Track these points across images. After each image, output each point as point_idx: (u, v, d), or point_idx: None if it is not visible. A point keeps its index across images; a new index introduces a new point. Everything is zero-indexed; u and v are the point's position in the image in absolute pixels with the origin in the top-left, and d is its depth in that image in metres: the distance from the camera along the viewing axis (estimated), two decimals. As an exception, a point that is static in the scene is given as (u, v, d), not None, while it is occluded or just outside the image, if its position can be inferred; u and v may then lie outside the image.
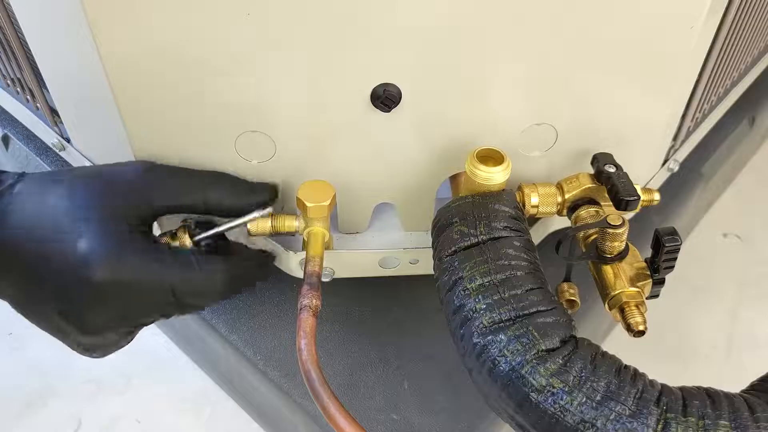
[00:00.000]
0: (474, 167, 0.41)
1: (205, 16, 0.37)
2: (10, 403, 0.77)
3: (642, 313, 0.39)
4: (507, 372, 0.34)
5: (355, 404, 0.52)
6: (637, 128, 0.46)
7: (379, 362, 0.54)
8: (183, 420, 0.77)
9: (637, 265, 0.41)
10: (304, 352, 0.37)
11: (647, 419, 0.32)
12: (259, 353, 0.55)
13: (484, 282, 0.37)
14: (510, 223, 0.39)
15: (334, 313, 0.56)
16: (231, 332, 0.56)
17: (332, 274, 0.50)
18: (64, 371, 0.79)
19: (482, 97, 0.42)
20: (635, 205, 0.41)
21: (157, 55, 0.39)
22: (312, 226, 0.44)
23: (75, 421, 0.76)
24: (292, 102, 0.42)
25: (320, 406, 0.35)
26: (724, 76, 0.59)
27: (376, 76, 0.40)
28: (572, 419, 0.33)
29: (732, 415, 0.32)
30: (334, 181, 0.44)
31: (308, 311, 0.39)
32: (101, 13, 0.37)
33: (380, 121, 0.42)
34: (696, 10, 0.40)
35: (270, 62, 0.39)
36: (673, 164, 0.58)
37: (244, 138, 0.43)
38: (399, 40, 0.39)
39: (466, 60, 0.40)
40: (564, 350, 0.34)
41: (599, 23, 0.39)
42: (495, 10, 0.38)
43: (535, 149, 0.46)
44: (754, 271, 0.93)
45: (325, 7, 0.37)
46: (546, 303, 0.36)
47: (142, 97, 0.41)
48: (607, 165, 0.43)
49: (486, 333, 0.35)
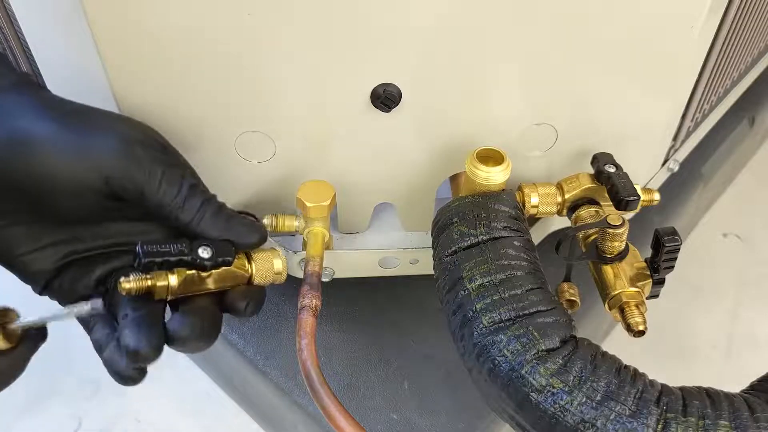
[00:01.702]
0: (474, 167, 0.41)
1: (206, 16, 0.37)
2: (11, 403, 0.77)
3: (642, 313, 0.39)
4: (507, 372, 0.34)
5: (355, 404, 0.52)
6: (637, 128, 0.46)
7: (379, 362, 0.54)
8: (183, 420, 0.77)
9: (637, 265, 0.41)
10: (304, 352, 0.37)
11: (647, 419, 0.32)
12: (259, 353, 0.55)
13: (484, 282, 0.37)
14: (510, 223, 0.39)
15: (334, 313, 0.56)
16: (231, 332, 0.56)
17: (332, 274, 0.50)
18: (64, 371, 0.79)
19: (482, 97, 0.42)
20: (635, 205, 0.41)
21: (156, 55, 0.39)
22: (312, 226, 0.44)
23: (75, 421, 0.77)
24: (292, 102, 0.42)
25: (320, 406, 0.35)
26: (724, 76, 0.59)
27: (376, 76, 0.40)
28: (572, 419, 0.33)
29: (732, 415, 0.32)
30: (334, 181, 0.44)
31: (308, 311, 0.39)
32: (101, 13, 0.37)
33: (380, 121, 0.42)
34: (696, 10, 0.40)
35: (270, 62, 0.39)
36: (673, 164, 0.58)
37: (244, 138, 0.43)
38: (399, 40, 0.39)
39: (466, 60, 0.40)
40: (564, 350, 0.34)
41: (599, 23, 0.39)
42: (495, 10, 0.38)
43: (535, 149, 0.46)
44: (754, 271, 0.93)
45: (326, 7, 0.37)
46: (546, 303, 0.36)
47: (142, 97, 0.41)
48: (607, 165, 0.43)
49: (486, 333, 0.35)
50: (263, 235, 0.39)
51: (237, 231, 0.38)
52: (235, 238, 0.38)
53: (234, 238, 0.38)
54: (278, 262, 0.40)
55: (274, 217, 0.45)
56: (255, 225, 0.39)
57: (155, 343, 0.34)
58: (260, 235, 0.39)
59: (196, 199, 0.37)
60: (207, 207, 0.37)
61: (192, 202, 0.37)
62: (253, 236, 0.38)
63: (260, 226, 0.39)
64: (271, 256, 0.40)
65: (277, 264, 0.40)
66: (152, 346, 0.34)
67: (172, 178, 0.36)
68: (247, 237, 0.38)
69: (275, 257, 0.40)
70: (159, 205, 0.36)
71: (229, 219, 0.38)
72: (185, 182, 0.37)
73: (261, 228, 0.39)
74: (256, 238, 0.39)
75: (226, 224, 0.38)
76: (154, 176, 0.36)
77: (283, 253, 0.41)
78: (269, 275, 0.39)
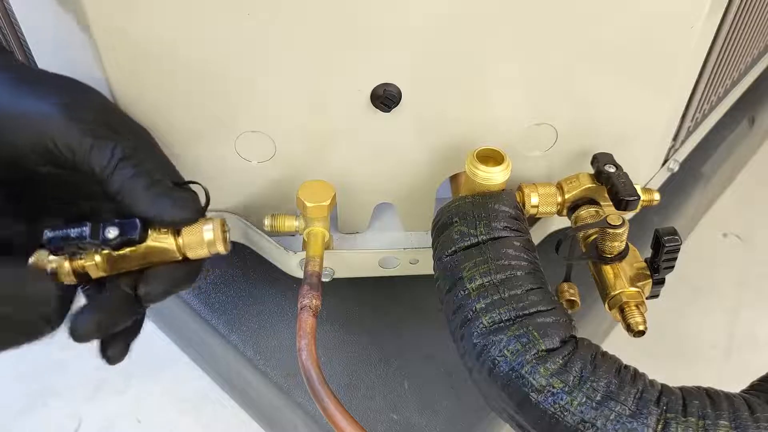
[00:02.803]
0: (474, 167, 0.41)
1: (206, 16, 0.37)
2: (10, 402, 0.77)
3: (642, 313, 0.39)
4: (507, 372, 0.34)
5: (355, 404, 0.52)
6: (637, 128, 0.46)
7: (379, 362, 0.54)
8: (183, 420, 0.77)
9: (637, 265, 0.41)
10: (304, 352, 0.37)
11: (647, 419, 0.32)
12: (259, 353, 0.55)
13: (484, 282, 0.37)
14: (510, 223, 0.39)
15: (334, 313, 0.56)
16: (231, 332, 0.56)
17: (332, 274, 0.50)
18: (64, 371, 0.79)
19: (482, 97, 0.42)
20: (635, 205, 0.41)
21: (156, 56, 0.39)
22: (312, 226, 0.44)
23: (75, 420, 0.76)
24: (292, 102, 0.42)
25: (320, 406, 0.35)
26: (724, 76, 0.59)
27: (376, 76, 0.40)
28: (572, 419, 0.33)
29: (732, 415, 0.32)
30: (334, 181, 0.44)
31: (308, 311, 0.39)
32: (101, 16, 0.37)
33: (380, 121, 0.42)
34: (696, 10, 0.40)
35: (270, 62, 0.39)
36: (673, 164, 0.58)
37: (244, 138, 0.43)
38: (399, 40, 0.39)
39: (466, 60, 0.40)
40: (564, 350, 0.34)
41: (599, 23, 0.39)
42: (494, 10, 0.38)
43: (535, 149, 0.46)
44: (754, 271, 0.93)
45: (326, 7, 0.37)
46: (546, 303, 0.36)
47: (141, 96, 0.41)
48: (607, 165, 0.43)
49: (486, 333, 0.35)
50: (193, 211, 0.36)
51: (161, 206, 0.36)
52: (157, 213, 0.36)
53: (157, 213, 0.36)
54: (208, 230, 0.37)
55: (274, 218, 0.45)
56: (185, 201, 0.36)
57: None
58: (187, 212, 0.36)
59: (126, 170, 0.35)
60: (137, 180, 0.35)
61: (121, 173, 0.35)
62: (177, 212, 0.36)
63: (191, 202, 0.37)
64: (200, 225, 0.37)
65: (207, 233, 0.37)
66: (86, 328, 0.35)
67: (103, 146, 0.35)
68: (170, 213, 0.36)
69: (205, 225, 0.37)
70: (91, 173, 0.36)
71: (158, 195, 0.36)
72: (116, 153, 0.35)
73: (191, 204, 0.37)
74: (180, 215, 0.36)
75: (154, 199, 0.36)
76: (85, 143, 0.35)
77: (234, 221, 0.38)
78: (201, 247, 0.37)
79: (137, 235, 0.36)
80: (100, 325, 0.35)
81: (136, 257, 0.37)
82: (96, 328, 0.35)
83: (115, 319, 0.36)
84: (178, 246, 0.37)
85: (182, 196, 0.37)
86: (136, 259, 0.37)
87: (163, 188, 0.36)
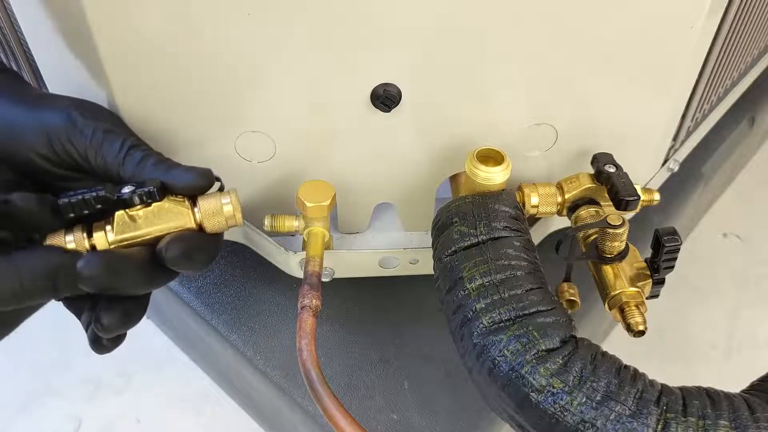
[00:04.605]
0: (474, 167, 0.41)
1: (206, 16, 0.37)
2: (10, 402, 0.77)
3: (642, 313, 0.39)
4: (507, 372, 0.34)
5: (355, 404, 0.52)
6: (637, 128, 0.46)
7: (379, 362, 0.54)
8: (183, 420, 0.77)
9: (637, 265, 0.41)
10: (304, 352, 0.37)
11: (647, 419, 0.32)
12: (259, 353, 0.55)
13: (484, 282, 0.37)
14: (510, 223, 0.39)
15: (334, 313, 0.56)
16: (231, 332, 0.56)
17: (332, 274, 0.50)
18: (64, 371, 0.79)
19: (482, 97, 0.42)
20: (635, 205, 0.41)
21: (156, 55, 0.39)
22: (312, 226, 0.44)
23: (75, 420, 0.77)
24: (292, 102, 0.42)
25: (320, 406, 0.35)
26: (724, 76, 0.59)
27: (376, 76, 0.40)
28: (572, 419, 0.33)
29: (732, 415, 0.32)
30: (334, 181, 0.44)
31: (308, 311, 0.39)
32: (102, 15, 0.37)
33: (380, 121, 0.42)
34: (696, 10, 0.40)
35: (270, 62, 0.39)
36: (673, 164, 0.58)
37: (244, 138, 0.43)
38: (399, 40, 0.39)
39: (466, 60, 0.40)
40: (564, 350, 0.34)
41: (599, 23, 0.39)
42: (494, 10, 0.38)
43: (535, 149, 0.46)
44: (754, 271, 0.93)
45: (326, 7, 0.37)
46: (546, 303, 0.36)
47: (141, 96, 0.41)
48: (607, 165, 0.43)
49: (486, 333, 0.35)
50: (207, 177, 0.37)
51: (176, 173, 0.37)
52: (172, 179, 0.36)
53: (172, 179, 0.36)
54: (225, 199, 0.37)
55: (273, 218, 0.45)
56: (198, 169, 0.37)
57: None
58: (200, 176, 0.37)
59: (137, 154, 0.37)
60: (148, 159, 0.37)
61: (133, 157, 0.37)
62: (191, 177, 0.36)
63: (205, 170, 0.37)
64: (216, 194, 0.37)
65: (224, 200, 0.36)
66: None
67: (113, 139, 0.38)
68: (185, 177, 0.36)
69: (222, 196, 0.37)
70: (104, 168, 0.37)
71: (171, 166, 0.37)
72: (126, 143, 0.38)
73: (205, 171, 0.37)
74: (194, 179, 0.36)
75: (167, 170, 0.37)
76: (97, 137, 0.37)
77: (236, 197, 0.37)
78: (218, 215, 0.37)
79: (154, 189, 0.35)
80: (109, 268, 0.34)
81: (147, 220, 0.36)
82: (107, 275, 0.34)
83: (131, 276, 0.35)
84: (193, 214, 0.37)
85: (195, 166, 0.38)
86: (147, 223, 0.36)
87: (174, 163, 0.38)
